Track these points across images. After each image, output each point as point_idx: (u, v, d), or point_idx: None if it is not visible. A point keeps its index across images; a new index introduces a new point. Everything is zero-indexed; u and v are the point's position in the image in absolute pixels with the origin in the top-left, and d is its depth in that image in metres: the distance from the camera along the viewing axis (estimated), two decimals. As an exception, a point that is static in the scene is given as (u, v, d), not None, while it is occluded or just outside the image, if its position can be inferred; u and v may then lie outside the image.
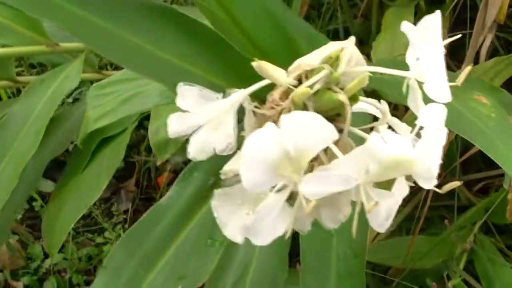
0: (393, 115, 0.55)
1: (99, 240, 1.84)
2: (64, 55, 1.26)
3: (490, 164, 0.84)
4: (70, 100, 1.89)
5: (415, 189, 1.44)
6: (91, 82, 1.36)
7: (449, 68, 1.49)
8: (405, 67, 0.52)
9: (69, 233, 1.77)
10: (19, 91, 1.71)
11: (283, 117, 0.42)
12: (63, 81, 1.12)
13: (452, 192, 1.50)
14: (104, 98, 1.01)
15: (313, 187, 0.44)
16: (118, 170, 1.97)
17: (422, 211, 1.34)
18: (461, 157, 1.38)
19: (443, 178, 1.48)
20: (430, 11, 1.48)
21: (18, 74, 1.91)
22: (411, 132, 0.55)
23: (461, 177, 1.56)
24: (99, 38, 0.55)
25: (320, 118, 0.43)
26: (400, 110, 1.32)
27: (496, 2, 1.11)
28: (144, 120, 1.46)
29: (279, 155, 0.43)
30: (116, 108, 0.99)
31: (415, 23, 1.45)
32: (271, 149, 0.42)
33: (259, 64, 0.46)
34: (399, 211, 1.46)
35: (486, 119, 0.80)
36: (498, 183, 1.59)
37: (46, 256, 1.75)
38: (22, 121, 1.11)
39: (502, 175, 1.21)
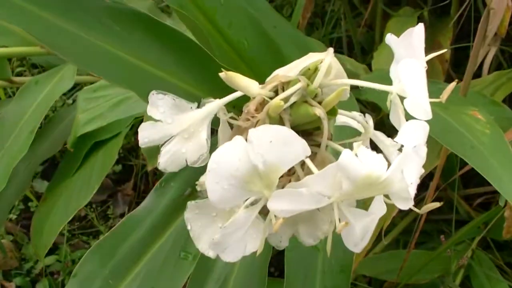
0: (392, 127, 0.53)
1: (93, 243, 1.82)
2: (59, 57, 1.24)
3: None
4: (70, 101, 1.88)
5: (414, 202, 1.41)
6: (91, 83, 1.35)
7: (452, 80, 1.46)
8: None
9: (64, 235, 1.76)
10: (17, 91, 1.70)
11: (251, 130, 0.40)
12: (57, 83, 1.11)
13: (451, 207, 1.48)
14: (94, 102, 1.00)
15: (282, 204, 0.42)
16: (116, 173, 1.96)
17: (419, 225, 1.32)
18: (461, 170, 1.35)
19: (442, 191, 1.46)
20: (433, 21, 1.47)
21: (20, 74, 1.90)
22: (393, 146, 0.54)
23: (461, 191, 1.54)
24: (68, 43, 0.53)
25: (291, 133, 0.41)
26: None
27: (497, 15, 1.09)
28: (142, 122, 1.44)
29: (247, 170, 0.41)
30: (106, 112, 0.98)
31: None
32: (238, 163, 0.41)
33: (227, 75, 0.45)
34: (396, 224, 1.44)
35: (480, 135, 0.78)
36: (499, 198, 1.56)
37: (36, 257, 1.73)
38: (15, 122, 1.10)
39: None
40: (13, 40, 1.19)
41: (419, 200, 1.61)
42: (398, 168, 0.43)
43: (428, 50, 1.37)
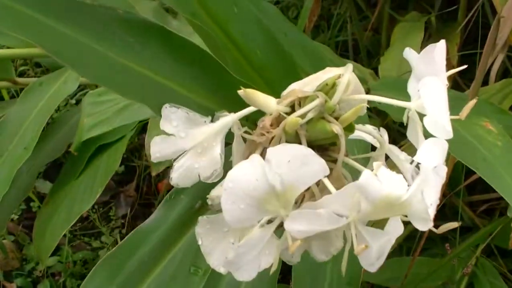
0: (398, 132, 0.52)
1: (95, 244, 1.82)
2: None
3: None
4: (73, 101, 1.87)
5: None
6: (96, 85, 1.34)
7: (458, 86, 1.46)
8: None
9: (65, 236, 1.75)
10: (21, 91, 1.69)
11: (269, 150, 0.39)
12: (61, 85, 1.10)
13: (456, 213, 1.47)
14: (99, 106, 0.99)
15: (299, 226, 0.41)
16: (118, 174, 1.95)
17: (424, 232, 1.31)
18: (466, 177, 1.35)
19: (448, 199, 1.45)
20: (440, 27, 1.45)
21: (23, 73, 1.89)
22: (411, 163, 0.53)
23: (466, 197, 1.53)
24: (81, 55, 0.52)
25: (309, 152, 0.40)
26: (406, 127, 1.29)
27: (508, 23, 1.08)
28: (147, 124, 1.43)
29: (265, 190, 0.40)
30: (112, 117, 0.97)
31: (425, 40, 1.43)
32: (255, 183, 0.40)
33: (245, 93, 0.44)
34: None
35: (492, 147, 0.77)
36: (503, 204, 1.56)
37: (38, 260, 1.73)
38: (19, 123, 1.09)
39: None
40: (17, 41, 1.18)
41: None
42: (418, 189, 0.42)
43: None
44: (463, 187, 1.44)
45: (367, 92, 1.14)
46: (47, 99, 1.09)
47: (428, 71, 0.47)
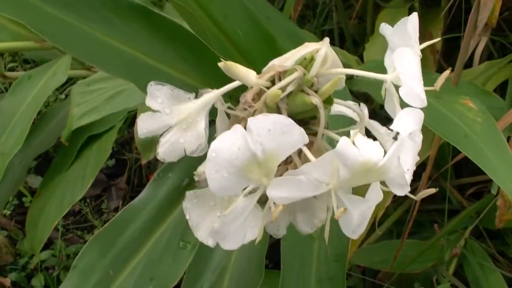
0: (385, 117, 0.54)
1: (88, 237, 1.82)
2: (53, 51, 1.24)
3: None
4: (62, 96, 1.88)
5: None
6: (84, 77, 1.35)
7: (443, 70, 1.47)
8: None
9: (58, 230, 1.76)
10: (10, 86, 1.70)
11: (250, 119, 0.41)
12: (51, 78, 1.11)
13: (444, 196, 1.49)
14: (88, 96, 1.00)
15: (281, 192, 0.43)
16: (109, 167, 1.96)
17: (412, 215, 1.32)
18: (453, 159, 1.36)
19: (435, 181, 1.47)
20: (425, 12, 1.47)
21: (12, 69, 1.90)
22: (388, 134, 0.55)
23: (454, 180, 1.55)
24: (69, 36, 0.53)
25: (289, 121, 0.42)
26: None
27: (488, 5, 1.09)
28: (136, 117, 1.44)
29: (246, 159, 0.42)
30: (101, 106, 0.98)
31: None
32: (237, 152, 0.41)
33: (226, 65, 0.45)
34: (389, 214, 1.45)
35: (472, 123, 0.79)
36: (491, 187, 1.58)
37: (32, 251, 1.73)
38: (9, 116, 1.10)
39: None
40: (5, 35, 1.19)
41: (412, 190, 1.61)
42: (394, 155, 0.43)
43: (419, 41, 1.38)
44: (451, 171, 1.46)
45: (351, 76, 1.17)
46: (36, 91, 1.10)
47: (402, 43, 0.49)
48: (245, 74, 0.46)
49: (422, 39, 1.49)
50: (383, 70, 1.07)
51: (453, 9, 1.53)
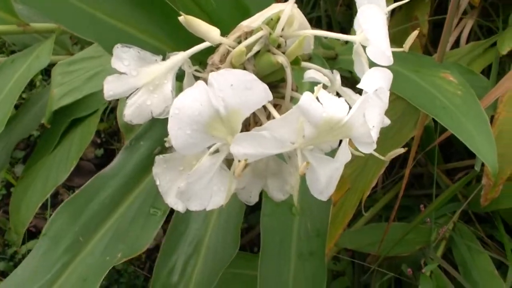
0: None
1: (76, 226, 1.81)
2: (36, 36, 1.24)
3: (473, 153, 0.82)
4: (47, 84, 1.87)
5: (396, 178, 1.42)
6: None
7: (429, 54, 1.47)
8: None
9: (46, 219, 1.75)
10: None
11: (211, 74, 0.40)
12: (33, 61, 1.10)
13: (431, 181, 1.49)
14: (69, 76, 0.99)
15: (244, 148, 0.42)
16: (98, 157, 1.95)
17: (398, 198, 1.32)
18: (441, 145, 1.36)
19: (424, 167, 1.46)
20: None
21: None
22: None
23: (442, 165, 1.55)
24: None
25: (252, 77, 0.41)
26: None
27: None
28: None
29: (209, 115, 0.41)
30: (81, 86, 0.98)
31: (396, 11, 1.43)
32: (200, 108, 0.41)
33: (186, 19, 0.45)
34: (378, 200, 1.44)
35: (452, 96, 0.79)
36: (479, 172, 1.58)
37: (23, 242, 1.72)
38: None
39: (483, 164, 1.20)
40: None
41: (400, 176, 1.62)
42: (359, 112, 0.43)
43: (405, 24, 1.38)
44: (439, 156, 1.46)
45: (336, 57, 1.16)
46: (19, 74, 1.09)
47: (369, 1, 0.48)
48: (206, 29, 0.46)
49: (408, 23, 1.49)
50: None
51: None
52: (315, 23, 1.86)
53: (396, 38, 1.40)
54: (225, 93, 0.41)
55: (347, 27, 1.81)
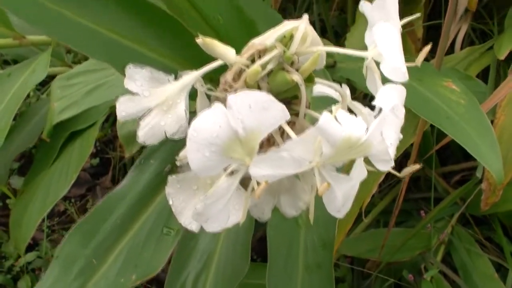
0: (369, 107, 0.53)
1: (74, 237, 1.80)
2: (32, 49, 1.23)
3: (468, 155, 0.83)
4: (44, 96, 1.86)
5: (393, 182, 1.42)
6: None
7: (425, 58, 1.47)
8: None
9: (43, 231, 1.74)
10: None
11: (230, 96, 0.40)
12: (30, 75, 1.10)
13: (429, 184, 1.50)
14: (68, 90, 0.99)
15: (263, 169, 0.42)
16: (94, 166, 1.95)
17: (398, 203, 1.32)
18: (438, 149, 1.37)
19: (421, 170, 1.47)
20: (406, 1, 1.47)
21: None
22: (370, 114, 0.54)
23: (439, 169, 1.56)
24: (45, 17, 0.52)
25: (269, 98, 0.41)
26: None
27: (468, -10, 1.10)
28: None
29: (228, 137, 0.41)
30: (81, 100, 0.97)
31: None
32: (218, 130, 0.40)
33: (204, 41, 0.44)
34: (376, 204, 1.45)
35: (455, 105, 0.79)
36: (475, 174, 1.58)
37: (16, 249, 1.71)
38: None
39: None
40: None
41: (397, 180, 1.62)
42: (377, 130, 0.43)
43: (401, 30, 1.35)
44: (436, 160, 1.46)
45: (334, 64, 1.16)
46: (16, 88, 1.08)
47: (382, 18, 0.48)
48: (223, 51, 0.45)
49: (402, 28, 1.49)
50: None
51: (434, -3, 1.53)
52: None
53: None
54: (243, 115, 0.40)
55: (340, 31, 1.81)
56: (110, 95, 0.96)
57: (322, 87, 0.55)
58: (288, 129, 0.44)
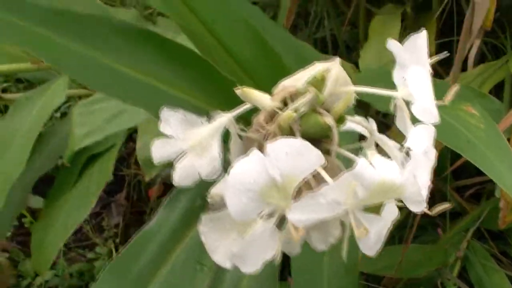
0: (381, 123, 0.54)
1: (90, 255, 1.82)
2: (49, 71, 1.24)
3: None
4: (58, 114, 1.88)
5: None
6: (80, 97, 1.34)
7: (437, 74, 1.48)
8: (390, 80, 0.51)
9: (60, 249, 1.75)
10: (6, 108, 1.70)
11: (269, 145, 0.41)
12: (49, 98, 1.11)
13: (444, 199, 1.50)
14: (90, 116, 1.00)
15: (301, 215, 0.43)
16: (108, 184, 1.95)
17: (415, 219, 1.33)
18: (453, 163, 1.37)
19: (434, 185, 1.47)
20: (417, 17, 1.48)
21: (5, 90, 1.89)
22: (400, 149, 0.55)
23: (453, 183, 1.56)
24: (73, 62, 0.53)
25: (306, 144, 0.42)
26: (389, 117, 1.31)
27: (482, 9, 1.10)
28: (133, 132, 1.44)
29: (266, 183, 0.42)
30: (103, 126, 0.98)
31: (402, 30, 1.45)
32: (257, 177, 0.41)
33: (243, 91, 0.46)
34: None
35: (475, 129, 0.79)
36: (489, 187, 1.59)
37: (37, 273, 1.72)
38: (8, 139, 1.10)
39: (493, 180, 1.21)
40: (2, 58, 1.19)
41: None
42: (411, 173, 0.44)
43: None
44: (450, 173, 1.47)
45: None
46: (36, 112, 1.09)
47: (412, 60, 0.49)
48: (260, 98, 0.46)
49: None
50: (380, 78, 1.07)
51: (445, 12, 1.54)
52: (320, 42, 1.87)
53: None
54: (280, 162, 0.41)
55: (352, 46, 1.82)
56: (132, 121, 0.97)
57: (350, 123, 0.56)
58: (323, 173, 0.45)
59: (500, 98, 1.28)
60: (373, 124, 0.57)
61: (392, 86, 0.80)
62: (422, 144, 0.46)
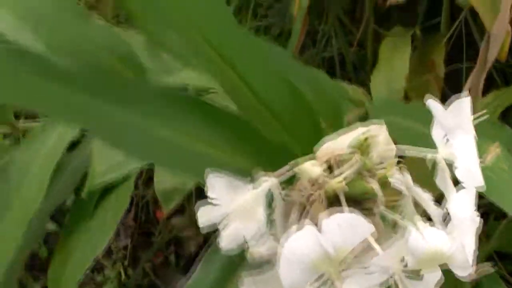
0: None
1: (99, 278, 1.82)
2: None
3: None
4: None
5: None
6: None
7: (444, 95, 1.49)
8: (404, 111, 0.51)
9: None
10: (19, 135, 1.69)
11: (324, 221, 0.42)
12: (65, 129, 1.11)
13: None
14: (108, 152, 1.00)
15: (351, 285, 0.44)
16: (121, 208, 1.95)
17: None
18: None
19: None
20: (426, 40, 1.48)
21: (16, 115, 1.89)
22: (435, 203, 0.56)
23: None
24: (117, 131, 0.53)
25: (356, 216, 0.43)
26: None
27: (498, 40, 1.11)
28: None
29: (318, 256, 0.43)
30: (124, 161, 0.98)
31: (412, 52, 1.44)
32: (311, 251, 0.43)
33: (300, 169, 0.47)
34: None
35: (499, 171, 0.80)
36: (496, 209, 1.59)
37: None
38: (25, 170, 1.10)
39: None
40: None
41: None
42: (459, 242, 0.45)
43: (423, 69, 1.40)
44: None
45: (365, 116, 1.17)
46: (52, 142, 1.09)
47: (455, 123, 0.50)
48: (311, 169, 0.47)
49: (425, 68, 1.50)
50: (392, 108, 1.07)
51: (454, 34, 1.55)
52: (328, 62, 1.88)
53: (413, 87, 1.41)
54: (333, 235, 0.43)
55: (360, 67, 1.82)
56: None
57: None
58: (372, 241, 0.45)
59: (509, 123, 1.28)
60: (409, 178, 0.57)
61: (402, 119, 0.81)
62: (467, 210, 0.47)
